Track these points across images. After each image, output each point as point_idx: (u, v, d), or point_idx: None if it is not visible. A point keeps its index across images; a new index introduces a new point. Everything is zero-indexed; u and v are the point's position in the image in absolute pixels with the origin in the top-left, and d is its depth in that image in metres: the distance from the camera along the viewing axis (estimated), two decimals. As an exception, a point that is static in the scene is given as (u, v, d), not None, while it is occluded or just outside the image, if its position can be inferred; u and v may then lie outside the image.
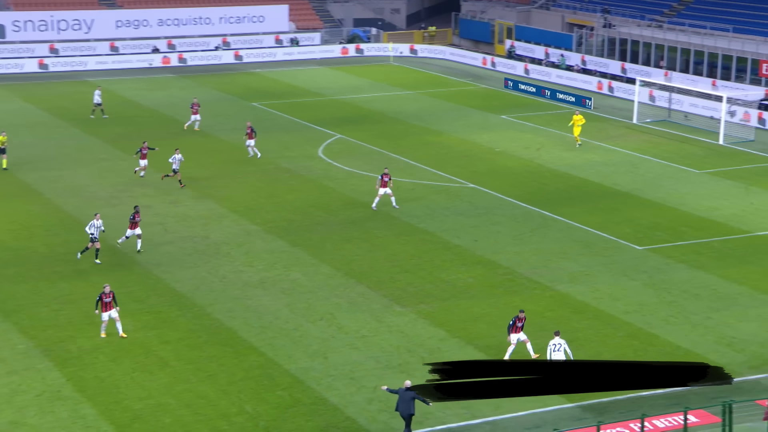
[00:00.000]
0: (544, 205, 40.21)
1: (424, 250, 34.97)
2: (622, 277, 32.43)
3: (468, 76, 70.64)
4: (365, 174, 45.13)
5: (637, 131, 53.25)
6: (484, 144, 50.80)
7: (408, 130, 54.18)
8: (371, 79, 69.91)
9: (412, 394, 22.60)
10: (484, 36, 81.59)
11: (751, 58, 59.62)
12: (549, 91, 62.68)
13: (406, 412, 22.60)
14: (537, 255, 34.57)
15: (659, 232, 37.04)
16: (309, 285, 31.99)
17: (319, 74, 72.28)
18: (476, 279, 32.39)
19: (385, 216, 38.97)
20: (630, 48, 68.47)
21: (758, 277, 32.31)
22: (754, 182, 43.50)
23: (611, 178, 44.21)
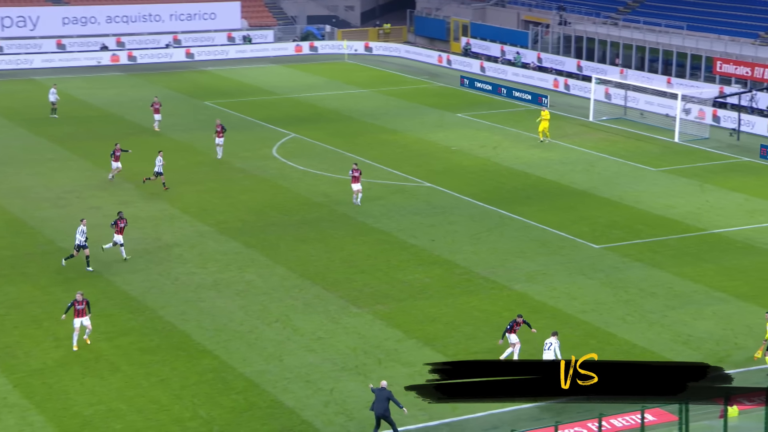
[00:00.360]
0: (501, 204, 40.43)
1: (381, 250, 35.01)
2: (579, 276, 32.74)
3: (423, 74, 70.82)
4: (320, 173, 45.04)
5: (593, 129, 53.78)
6: (440, 142, 50.97)
7: (363, 128, 54.19)
8: (326, 77, 69.78)
9: (387, 393, 22.68)
10: (439, 33, 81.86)
11: (705, 55, 60.47)
12: (505, 89, 63.05)
13: (379, 411, 22.66)
14: (494, 254, 34.76)
15: (616, 230, 37.43)
16: (264, 286, 31.88)
17: (273, 72, 71.99)
18: (433, 279, 32.49)
19: (340, 216, 38.94)
20: (585, 45, 69.11)
21: (714, 275, 32.79)
22: (709, 180, 44.15)
23: (568, 177, 44.59)
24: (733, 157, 48.30)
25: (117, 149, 42.60)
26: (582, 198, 41.52)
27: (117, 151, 42.60)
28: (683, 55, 62.14)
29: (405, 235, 36.77)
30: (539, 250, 35.19)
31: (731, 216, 38.95)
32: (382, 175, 44.67)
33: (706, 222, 38.27)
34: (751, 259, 34.25)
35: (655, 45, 64.07)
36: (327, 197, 41.50)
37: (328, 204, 40.60)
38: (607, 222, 38.36)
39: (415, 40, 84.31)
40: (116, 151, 42.56)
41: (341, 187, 42.81)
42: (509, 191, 42.37)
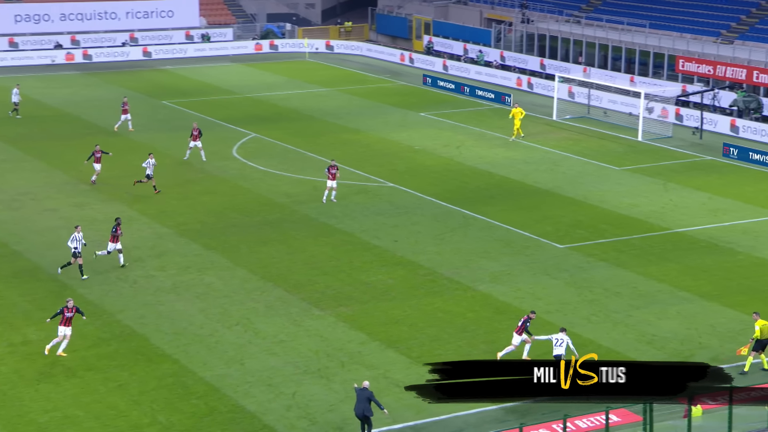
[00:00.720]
0: (465, 204, 40.58)
1: (343, 251, 34.99)
2: (543, 276, 32.95)
3: (386, 73, 70.90)
4: (281, 174, 44.92)
5: (556, 128, 54.13)
6: (403, 142, 51.04)
7: (325, 128, 54.13)
8: (286, 76, 69.60)
9: (368, 394, 22.68)
10: (401, 31, 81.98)
11: (667, 53, 61.11)
12: (468, 88, 63.28)
13: (358, 412, 22.65)
14: (458, 255, 34.88)
15: (580, 230, 37.71)
16: (224, 289, 31.73)
17: (232, 71, 71.67)
18: (396, 280, 32.54)
19: (302, 217, 38.87)
20: (549, 44, 69.56)
21: (678, 275, 33.15)
22: (673, 179, 44.62)
23: (532, 176, 44.85)
24: (696, 155, 48.86)
25: (97, 151, 42.18)
26: (546, 197, 41.78)
27: (97, 153, 42.16)
28: (646, 53, 62.75)
29: (368, 235, 36.78)
30: (503, 250, 35.36)
31: (694, 215, 39.40)
32: (344, 175, 44.64)
33: (670, 221, 38.67)
34: (715, 258, 34.67)
35: (618, 43, 64.64)
36: (288, 198, 41.40)
37: (289, 205, 40.49)
38: (572, 221, 38.63)
39: (377, 38, 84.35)
40: (96, 152, 42.17)
41: (303, 188, 42.72)
42: (473, 191, 42.53)
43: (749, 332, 27.87)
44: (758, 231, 37.36)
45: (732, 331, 28.80)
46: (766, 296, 31.24)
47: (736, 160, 47.54)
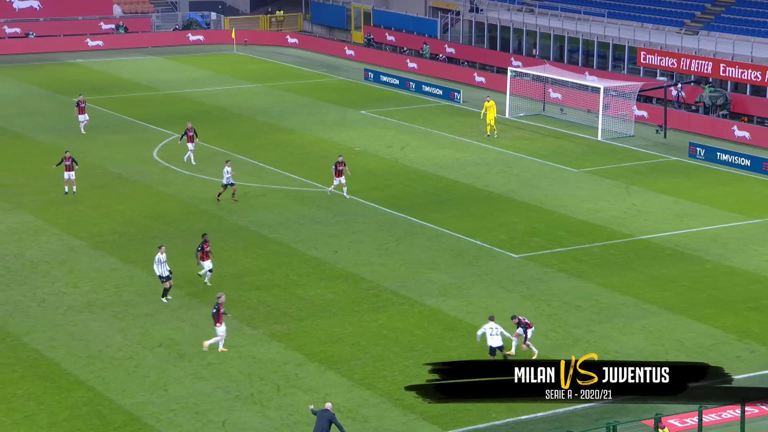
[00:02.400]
0: (411, 211, 40.68)
1: (278, 263, 34.85)
2: (497, 289, 33.13)
3: (323, 67, 70.86)
4: (208, 179, 44.63)
5: (509, 126, 54.55)
6: (343, 143, 51.03)
7: (256, 128, 53.91)
8: (212, 70, 69.21)
9: (329, 415, 22.67)
10: (338, 21, 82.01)
11: (628, 45, 61.91)
12: (414, 83, 63.49)
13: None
14: (404, 266, 34.93)
15: (536, 237, 38.01)
16: (145, 307, 31.41)
17: (151, 65, 71.05)
18: (337, 295, 32.48)
19: (232, 226, 38.65)
20: (500, 35, 70.09)
21: (642, 285, 33.56)
22: (635, 181, 45.19)
23: (483, 179, 45.12)
24: (661, 156, 49.57)
25: (67, 158, 41.48)
26: (499, 203, 42.04)
27: (67, 160, 41.49)
28: (605, 45, 63.52)
29: (305, 246, 36.68)
30: (453, 261, 35.48)
31: (659, 220, 39.94)
32: (278, 180, 44.47)
33: (633, 227, 39.15)
34: (681, 267, 35.17)
35: (575, 34, 65.36)
36: (216, 205, 41.12)
37: (217, 213, 40.22)
38: (527, 229, 38.92)
39: (312, 28, 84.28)
40: (66, 159, 41.48)
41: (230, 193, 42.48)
42: (419, 196, 42.64)
43: (719, 347, 28.29)
44: (727, 237, 37.99)
45: (700, 347, 29.22)
46: (736, 308, 31.77)
47: (703, 161, 48.32)
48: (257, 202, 41.03)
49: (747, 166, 46.73)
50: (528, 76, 59.80)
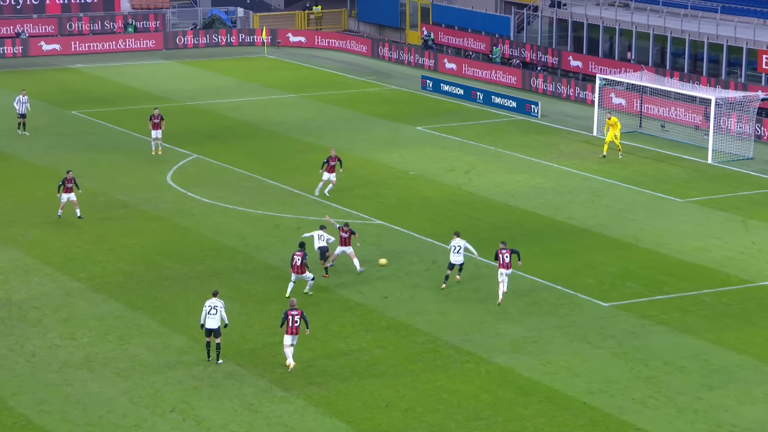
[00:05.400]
0: (476, 248, 40.64)
1: (316, 311, 34.94)
2: (582, 344, 32.95)
3: (371, 74, 71.18)
4: (232, 208, 44.92)
5: (598, 146, 54.39)
6: (395, 165, 51.14)
7: (290, 147, 54.21)
8: (238, 77, 69.79)
9: None
10: (391, 19, 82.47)
11: (746, 47, 61.56)
12: (481, 94, 63.61)
13: None
14: (468, 316, 34.86)
15: (631, 282, 37.76)
16: (155, 363, 31.61)
17: (166, 71, 71.83)
18: (386, 350, 32.47)
19: (260, 265, 38.82)
20: (587, 34, 70.05)
21: (764, 343, 33.19)
22: (754, 214, 44.82)
23: (566, 211, 44.97)
24: (785, 183, 49.18)
25: (69, 179, 42.31)
26: (585, 239, 41.85)
27: (69, 182, 42.39)
28: (717, 47, 63.20)
29: (348, 290, 36.72)
30: (529, 310, 35.35)
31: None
32: (316, 210, 44.67)
33: (753, 271, 38.78)
34: (812, 319, 34.79)
35: (680, 34, 65.14)
36: (242, 240, 41.36)
37: (243, 249, 40.44)
38: (619, 271, 38.69)
39: (359, 27, 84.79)
40: (68, 181, 42.26)
41: (261, 227, 42.73)
42: (487, 230, 42.59)
43: None
44: None
45: (836, 418, 28.81)
46: None
47: (837, 190, 47.83)
48: (291, 236, 41.19)
49: None
50: (621, 85, 59.70)
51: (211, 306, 31.56)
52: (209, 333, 31.54)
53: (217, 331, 31.52)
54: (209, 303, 31.63)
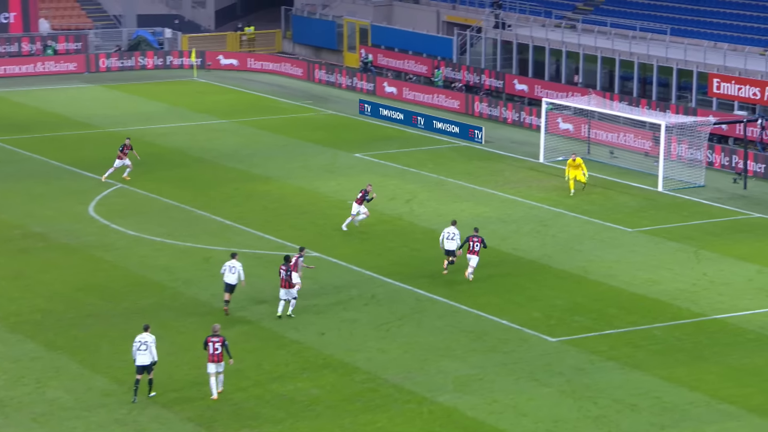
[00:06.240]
0: (419, 282, 40.67)
1: (247, 348, 34.77)
2: (529, 382, 33.02)
3: (307, 98, 71.19)
4: (159, 240, 44.67)
5: (545, 174, 54.68)
6: (332, 194, 51.13)
7: (221, 175, 54.03)
8: (166, 102, 69.53)
9: None
10: (328, 41, 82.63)
11: (697, 70, 62.24)
12: (422, 119, 63.80)
13: None
14: (409, 353, 34.84)
15: (579, 316, 37.94)
16: (75, 407, 31.30)
17: (88, 96, 71.42)
18: (324, 390, 32.38)
19: (190, 302, 38.62)
20: (532, 57, 70.56)
21: (717, 380, 33.42)
22: (706, 244, 45.20)
23: (511, 241, 45.15)
24: (740, 212, 49.65)
25: None
26: (531, 271, 42.01)
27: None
28: (667, 70, 63.89)
29: (282, 327, 36.61)
30: (473, 346, 35.40)
31: (739, 295, 39.89)
32: (248, 242, 44.52)
33: (704, 304, 39.08)
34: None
35: (629, 56, 65.79)
36: (170, 274, 41.13)
37: (171, 284, 40.23)
38: (567, 305, 38.86)
39: (294, 49, 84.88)
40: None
41: (190, 260, 42.52)
42: (429, 262, 42.64)
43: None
44: (826, 316, 37.96)
45: (793, 457, 29.07)
46: (838, 407, 31.64)
47: (793, 218, 48.41)
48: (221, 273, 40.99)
49: None
50: (568, 109, 60.16)
51: (141, 341, 31.45)
52: (141, 370, 31.36)
53: (149, 367, 31.34)
54: (139, 338, 31.50)
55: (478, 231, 41.05)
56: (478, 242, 40.15)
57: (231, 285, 37.60)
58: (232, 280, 37.59)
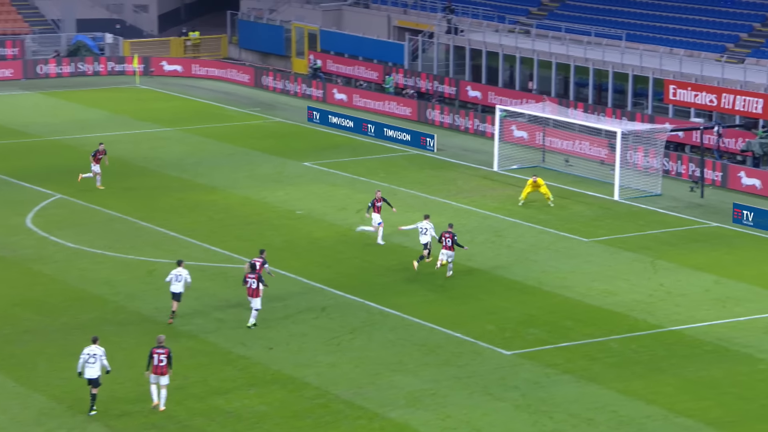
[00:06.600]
0: (370, 294, 40.66)
1: (193, 364, 34.66)
2: (483, 397, 33.08)
3: (253, 105, 71.07)
4: (100, 253, 44.45)
5: (499, 183, 54.83)
6: (280, 204, 51.06)
7: (165, 185, 53.84)
8: (107, 110, 69.21)
9: None
10: (275, 46, 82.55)
11: (653, 77, 62.62)
12: (373, 126, 63.84)
13: None
14: (360, 367, 34.84)
15: (534, 328, 38.06)
16: (11, 428, 31.04)
17: (26, 103, 70.98)
18: (272, 407, 32.32)
19: (132, 316, 38.45)
20: (486, 63, 70.77)
21: (674, 392, 33.60)
22: (663, 254, 45.47)
23: (464, 252, 45.25)
24: (697, 221, 49.98)
25: None
26: (485, 282, 42.12)
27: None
28: (622, 76, 64.25)
29: (229, 341, 36.50)
30: (425, 360, 35.43)
31: (696, 306, 40.16)
32: (193, 254, 44.38)
33: (661, 315, 39.31)
34: (726, 367, 35.31)
35: (584, 62, 66.12)
36: (111, 288, 40.94)
37: (113, 298, 40.05)
38: (522, 317, 38.98)
39: (240, 55, 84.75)
40: None
41: (133, 273, 42.31)
42: (381, 274, 42.66)
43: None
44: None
45: (752, 471, 29.30)
46: (798, 420, 31.95)
47: (752, 228, 48.75)
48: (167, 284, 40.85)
49: (809, 233, 47.14)
50: (523, 116, 60.37)
51: (89, 354, 31.36)
52: (90, 383, 31.34)
53: (97, 381, 31.26)
54: (87, 350, 31.44)
55: (453, 227, 42.08)
56: (450, 238, 41.47)
57: (178, 294, 37.54)
58: (178, 289, 37.56)
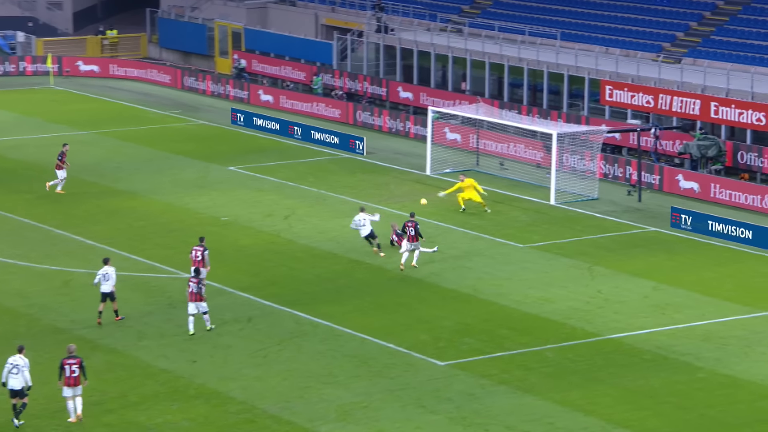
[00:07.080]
0: (298, 303, 40.64)
1: (111, 379, 34.45)
2: (416, 409, 33.15)
3: (175, 107, 70.76)
4: (12, 263, 44.07)
5: (432, 187, 54.91)
6: (204, 210, 50.88)
7: (82, 191, 53.48)
8: (19, 112, 68.66)
9: None
10: (197, 45, 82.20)
11: (589, 77, 63.08)
12: (300, 129, 63.78)
13: None
14: (288, 380, 34.80)
15: (469, 338, 38.19)
16: (-77, 444, 30.75)
17: (-65, 104, 70.27)
18: (195, 422, 32.20)
19: (46, 329, 38.17)
20: (417, 63, 70.93)
21: (612, 403, 33.85)
22: (600, 260, 45.79)
23: (396, 259, 45.26)
24: (635, 226, 50.36)
25: None
26: (418, 291, 42.20)
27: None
28: (557, 76, 64.59)
29: (149, 354, 36.34)
30: (356, 372, 35.46)
31: (634, 313, 40.47)
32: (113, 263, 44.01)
33: (599, 323, 39.58)
34: (664, 376, 35.61)
35: (518, 62, 66.42)
36: (24, 299, 40.63)
37: (26, 310, 39.76)
38: (456, 326, 39.11)
39: (161, 54, 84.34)
40: None
41: (48, 283, 41.99)
42: (310, 283, 42.64)
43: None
44: (726, 336, 38.60)
45: (692, 483, 29.59)
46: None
47: (690, 233, 49.18)
48: (84, 294, 40.61)
49: (748, 239, 47.61)
50: (456, 118, 60.55)
51: (12, 364, 31.29)
52: (13, 394, 31.22)
53: (21, 392, 31.16)
54: (11, 360, 31.34)
55: (414, 216, 44.20)
56: (413, 227, 43.26)
57: (108, 293, 37.92)
58: (108, 289, 37.84)
